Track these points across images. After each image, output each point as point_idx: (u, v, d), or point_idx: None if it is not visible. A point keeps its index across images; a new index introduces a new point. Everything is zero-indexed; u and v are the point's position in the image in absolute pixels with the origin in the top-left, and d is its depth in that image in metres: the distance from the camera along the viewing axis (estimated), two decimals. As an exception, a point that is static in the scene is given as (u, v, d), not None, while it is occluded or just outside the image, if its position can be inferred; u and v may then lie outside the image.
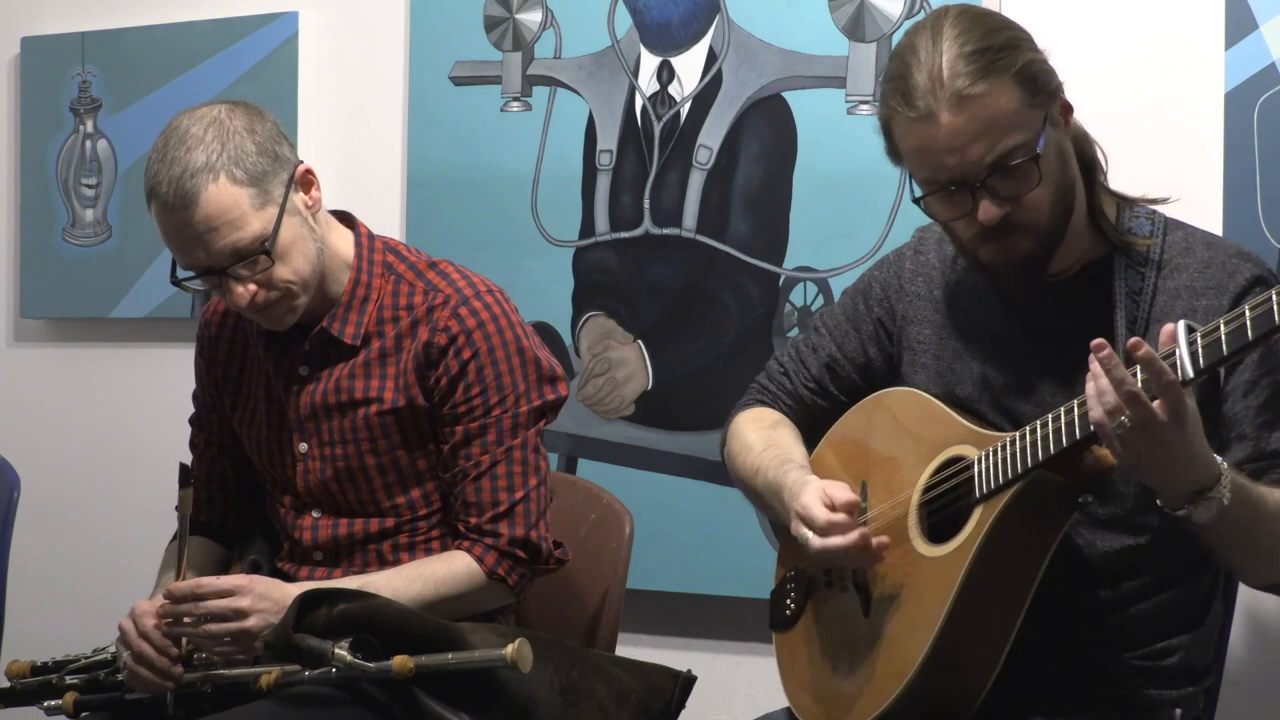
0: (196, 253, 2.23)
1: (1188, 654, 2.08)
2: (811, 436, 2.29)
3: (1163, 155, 2.68)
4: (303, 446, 2.39)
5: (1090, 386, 1.82)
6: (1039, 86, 1.96)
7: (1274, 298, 1.70)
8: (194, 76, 3.48)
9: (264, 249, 2.22)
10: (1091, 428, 1.84)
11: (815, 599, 2.22)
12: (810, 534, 2.05)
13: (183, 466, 2.23)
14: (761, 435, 2.28)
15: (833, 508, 2.05)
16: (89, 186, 3.62)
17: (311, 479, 2.38)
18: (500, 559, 2.31)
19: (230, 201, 2.20)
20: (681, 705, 2.30)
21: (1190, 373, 1.75)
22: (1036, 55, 1.99)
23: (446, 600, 2.28)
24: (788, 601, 2.26)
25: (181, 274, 2.30)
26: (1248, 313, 1.72)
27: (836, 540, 2.04)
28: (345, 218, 2.43)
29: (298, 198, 2.29)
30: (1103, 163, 2.09)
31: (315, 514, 2.40)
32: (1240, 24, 2.65)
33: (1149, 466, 1.83)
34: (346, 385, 2.36)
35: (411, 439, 2.36)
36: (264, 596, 2.20)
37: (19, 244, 3.71)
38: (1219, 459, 1.85)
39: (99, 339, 3.67)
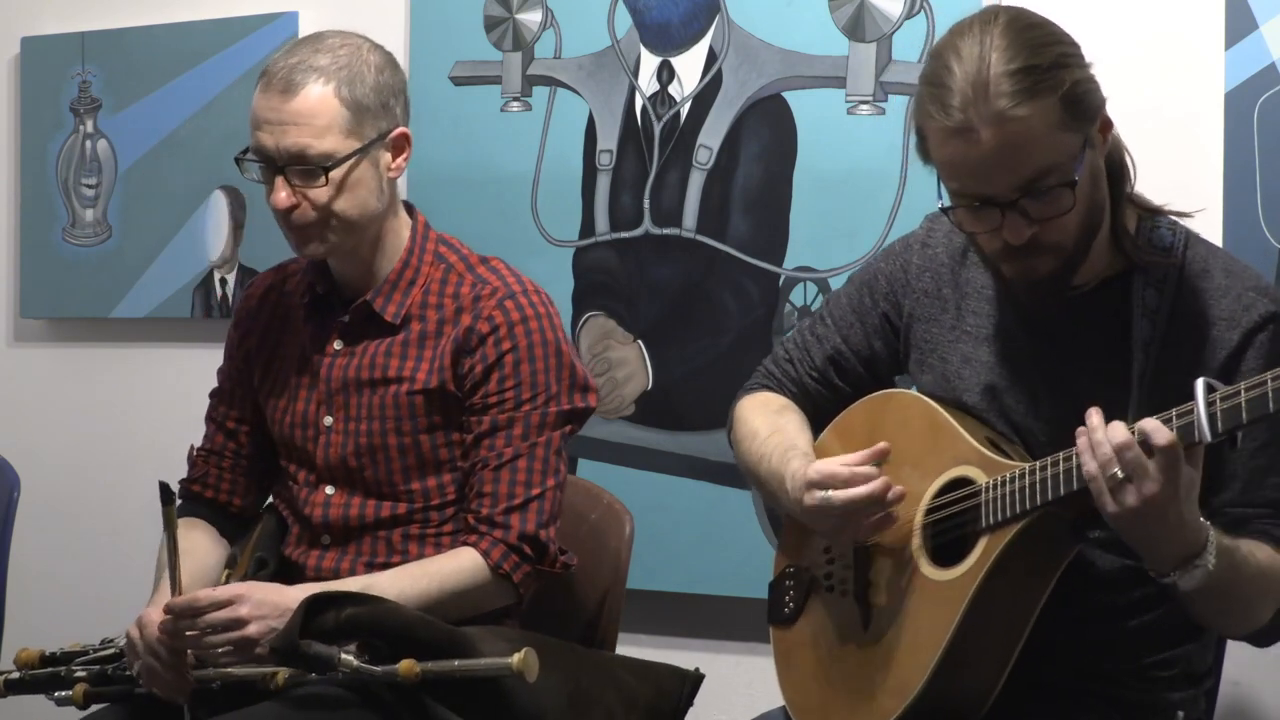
0: (269, 138, 2.28)
1: (1189, 660, 2.08)
2: (815, 425, 2.27)
3: (1163, 155, 2.66)
4: (328, 420, 2.39)
5: (1081, 441, 1.82)
6: (1083, 109, 1.90)
7: None
8: (194, 76, 3.48)
9: (324, 168, 2.26)
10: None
11: (815, 601, 2.21)
12: (831, 492, 2.02)
13: (163, 485, 2.18)
14: (767, 421, 2.26)
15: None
16: (89, 186, 3.62)
17: (332, 453, 2.38)
18: (507, 553, 2.30)
19: (324, 108, 2.26)
20: (689, 704, 2.30)
21: (1208, 435, 1.74)
22: (1084, 73, 1.92)
23: (452, 595, 2.28)
24: (787, 598, 2.25)
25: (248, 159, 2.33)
26: (1269, 382, 1.70)
27: (861, 489, 2.00)
28: (406, 207, 2.47)
29: (384, 153, 2.34)
30: (1131, 171, 2.04)
31: (330, 490, 2.39)
32: (1240, 24, 2.65)
33: (1140, 528, 1.82)
34: (381, 362, 2.37)
35: (436, 424, 2.36)
36: (262, 603, 2.18)
37: (19, 244, 3.71)
38: (1205, 523, 1.84)
39: (99, 339, 3.67)
